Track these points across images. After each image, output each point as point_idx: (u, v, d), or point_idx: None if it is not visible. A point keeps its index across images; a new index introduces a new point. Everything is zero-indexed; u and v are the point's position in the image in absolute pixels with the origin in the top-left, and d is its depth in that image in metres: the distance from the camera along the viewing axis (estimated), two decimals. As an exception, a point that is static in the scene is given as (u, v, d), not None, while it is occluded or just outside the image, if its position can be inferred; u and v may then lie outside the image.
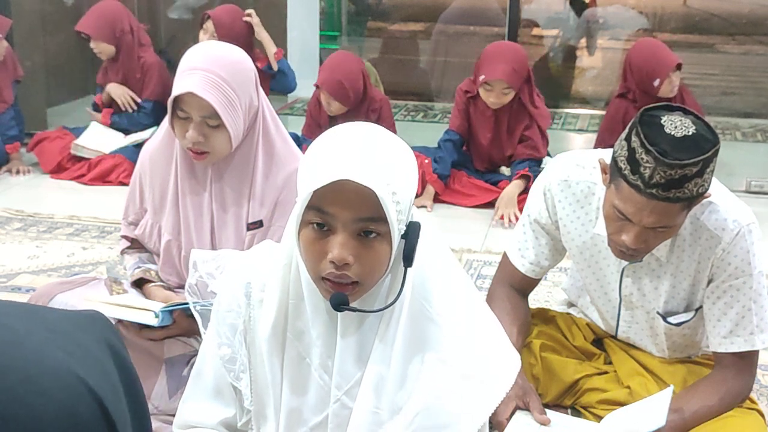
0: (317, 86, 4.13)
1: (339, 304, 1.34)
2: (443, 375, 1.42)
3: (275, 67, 4.50)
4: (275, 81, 4.51)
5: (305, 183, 1.31)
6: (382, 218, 1.29)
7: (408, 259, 1.36)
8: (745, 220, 1.93)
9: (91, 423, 0.66)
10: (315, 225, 1.32)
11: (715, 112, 5.94)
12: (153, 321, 2.03)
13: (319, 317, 1.42)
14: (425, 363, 1.42)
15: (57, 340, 0.68)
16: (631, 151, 1.79)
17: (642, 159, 1.76)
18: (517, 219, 3.78)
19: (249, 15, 4.51)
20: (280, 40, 5.30)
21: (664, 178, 1.74)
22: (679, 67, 3.98)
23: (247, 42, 4.39)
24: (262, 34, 4.51)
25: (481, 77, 3.93)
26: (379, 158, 1.30)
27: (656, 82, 3.95)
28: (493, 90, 3.94)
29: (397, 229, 1.32)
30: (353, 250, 1.31)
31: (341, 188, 1.27)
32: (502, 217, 3.89)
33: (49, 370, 0.65)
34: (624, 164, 1.80)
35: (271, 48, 4.51)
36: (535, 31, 7.10)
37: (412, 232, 1.36)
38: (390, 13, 8.46)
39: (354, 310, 1.37)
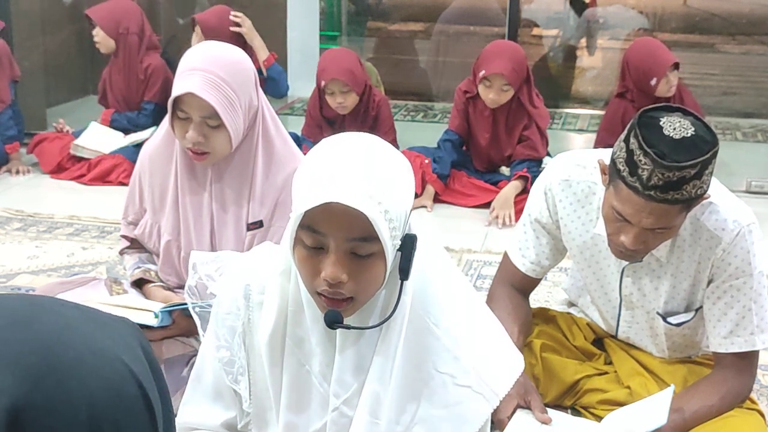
0: (324, 83, 4.02)
1: (333, 322, 1.34)
2: (444, 388, 1.42)
3: (264, 74, 4.40)
4: (266, 86, 4.42)
5: (297, 202, 1.30)
6: (374, 237, 1.28)
7: (404, 272, 1.34)
8: (746, 221, 1.93)
9: (135, 403, 0.73)
10: (308, 244, 1.31)
11: (716, 112, 5.92)
12: (152, 321, 2.03)
13: (318, 327, 1.41)
14: (426, 376, 1.42)
15: (103, 330, 0.76)
16: (630, 152, 1.78)
17: (640, 161, 1.76)
18: (512, 220, 3.78)
19: (238, 24, 4.31)
20: (280, 40, 5.27)
21: (662, 180, 1.74)
22: (676, 66, 3.96)
23: (240, 43, 4.31)
24: (254, 42, 4.35)
25: (481, 73, 3.91)
26: (370, 176, 1.27)
27: (653, 81, 3.93)
28: (492, 86, 3.92)
29: (391, 246, 1.30)
30: (347, 269, 1.29)
31: (332, 209, 1.25)
32: (497, 217, 3.87)
33: (99, 352, 0.72)
34: (622, 166, 1.80)
35: (262, 54, 4.34)
36: (535, 31, 7.10)
37: (407, 245, 1.34)
38: (390, 13, 8.46)
39: (348, 327, 1.36)
